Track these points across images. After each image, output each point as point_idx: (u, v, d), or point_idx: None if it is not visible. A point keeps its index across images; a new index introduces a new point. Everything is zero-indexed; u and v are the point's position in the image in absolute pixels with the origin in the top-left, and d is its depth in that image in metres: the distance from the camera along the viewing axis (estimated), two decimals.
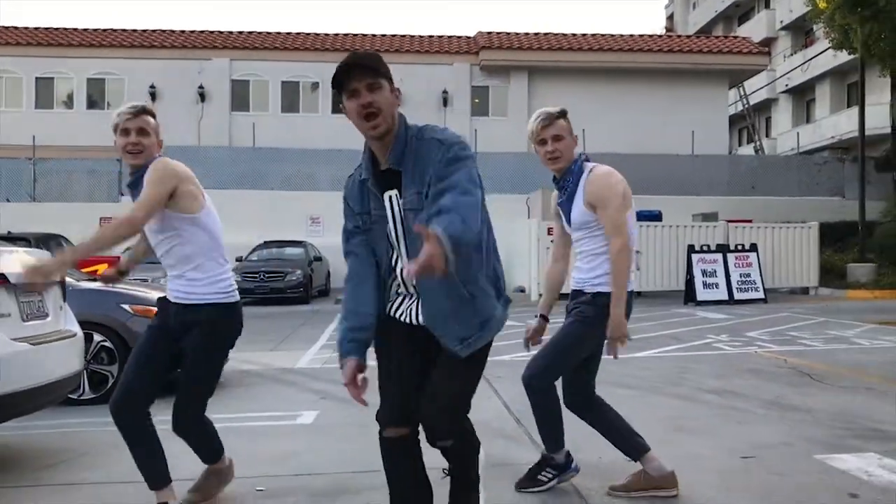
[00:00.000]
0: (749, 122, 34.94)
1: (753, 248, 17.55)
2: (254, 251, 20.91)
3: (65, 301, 5.05)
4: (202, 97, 28.42)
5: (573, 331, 3.68)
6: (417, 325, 2.72)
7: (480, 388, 6.66)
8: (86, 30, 30.36)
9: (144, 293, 7.07)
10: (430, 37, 30.48)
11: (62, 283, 5.02)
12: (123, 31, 30.17)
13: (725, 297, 16.65)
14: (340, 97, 2.63)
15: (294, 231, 22.85)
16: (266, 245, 21.16)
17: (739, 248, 17.53)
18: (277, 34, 30.15)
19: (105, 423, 5.37)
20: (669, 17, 55.33)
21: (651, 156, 25.47)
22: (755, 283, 17.08)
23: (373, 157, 2.67)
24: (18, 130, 27.08)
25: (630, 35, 30.42)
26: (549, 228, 17.80)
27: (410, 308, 2.75)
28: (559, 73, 28.00)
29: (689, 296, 16.73)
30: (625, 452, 3.80)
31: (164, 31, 30.15)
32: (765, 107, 41.77)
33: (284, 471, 4.33)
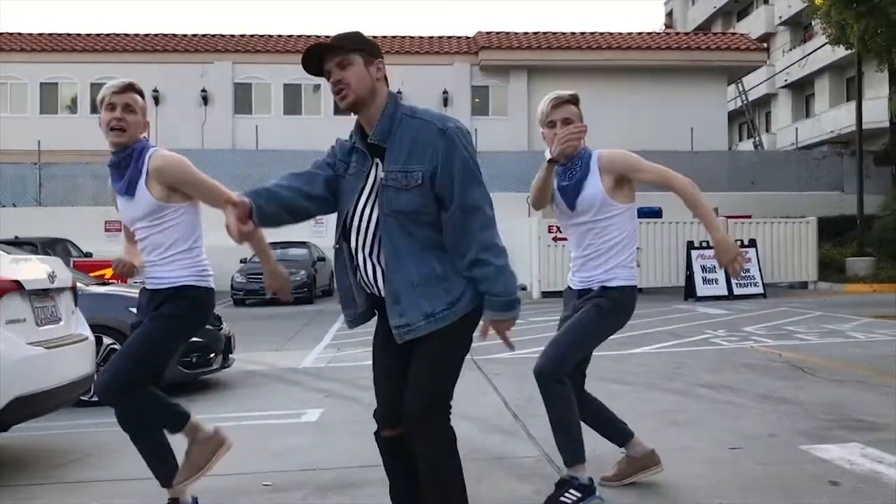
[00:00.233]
0: (748, 118, 35.06)
1: (752, 244, 17.69)
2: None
3: (76, 306, 5.23)
4: (205, 100, 28.62)
5: (589, 319, 3.58)
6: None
7: (479, 385, 6.90)
8: (89, 35, 30.56)
9: None
10: (430, 37, 30.64)
11: (73, 289, 5.21)
12: (126, 36, 30.37)
13: (725, 293, 16.79)
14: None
15: (297, 232, 22.99)
16: (270, 246, 21.32)
17: (739, 244, 17.66)
18: (279, 37, 30.33)
19: (114, 424, 5.58)
20: (668, 14, 55.38)
21: (650, 152, 25.31)
22: (754, 279, 17.23)
23: (362, 130, 2.71)
24: (24, 136, 27.28)
25: (628, 33, 30.55)
26: (550, 226, 17.97)
27: (370, 277, 2.70)
28: (558, 72, 28.12)
29: (690, 292, 16.88)
30: (611, 439, 3.92)
31: (167, 35, 30.34)
32: (764, 102, 41.88)
33: (291, 466, 4.50)
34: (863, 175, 21.55)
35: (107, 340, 6.62)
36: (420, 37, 30.67)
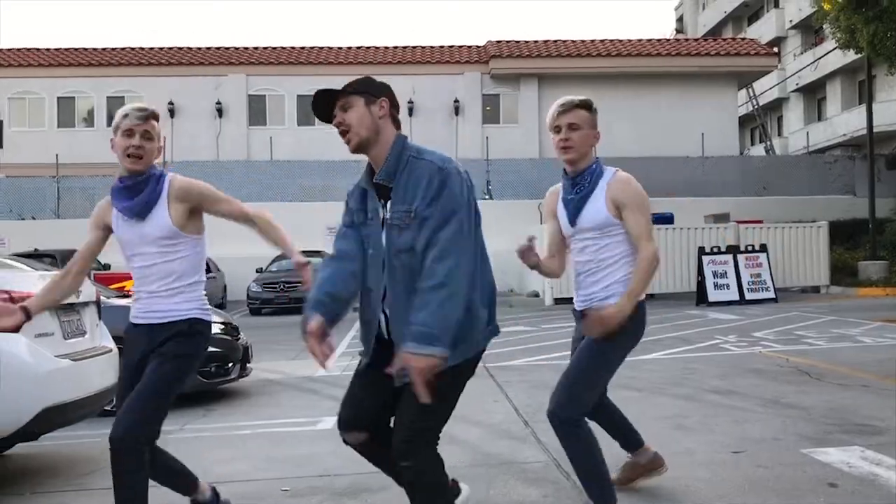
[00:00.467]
0: (759, 123, 35.06)
1: (763, 249, 17.76)
2: (273, 262, 21.34)
3: (100, 319, 5.43)
4: (220, 112, 28.98)
5: (592, 356, 3.33)
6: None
7: (491, 392, 7.05)
8: (104, 49, 31.02)
9: None
10: (441, 47, 30.90)
11: (97, 302, 5.40)
12: (141, 50, 30.80)
13: (736, 298, 16.87)
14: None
15: (312, 241, 23.26)
16: (284, 256, 21.58)
17: (749, 249, 17.74)
18: (291, 49, 30.67)
19: None
20: (679, 19, 55.46)
21: (662, 158, 25.72)
22: (766, 284, 17.29)
23: (371, 170, 2.79)
24: (42, 150, 27.75)
25: (638, 40, 30.69)
26: None
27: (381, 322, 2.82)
28: (569, 80, 28.29)
29: (701, 297, 16.96)
30: (622, 445, 4.00)
31: (181, 49, 30.76)
32: (776, 106, 41.84)
33: (308, 472, 4.67)
34: (874, 178, 21.56)
35: None
36: (430, 47, 30.95)
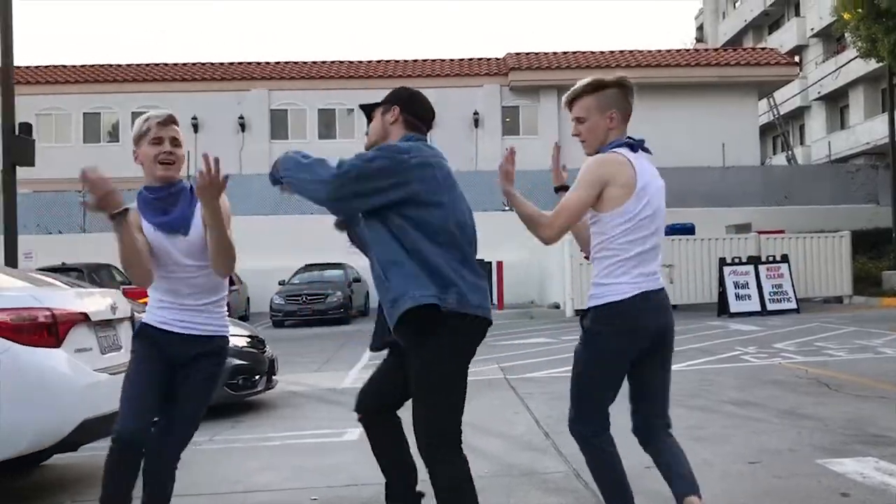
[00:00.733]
0: (781, 132, 34.95)
1: (785, 260, 17.73)
2: (296, 274, 21.61)
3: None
4: (242, 127, 29.39)
5: (578, 358, 3.17)
6: None
7: (512, 404, 7.18)
8: (129, 65, 31.59)
9: None
10: (461, 60, 31.16)
11: (132, 318, 5.61)
12: (165, 65, 31.33)
13: (758, 309, 16.85)
14: None
15: (334, 253, 23.50)
16: (307, 268, 21.85)
17: (771, 260, 17.73)
18: (313, 63, 31.06)
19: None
20: (699, 28, 55.43)
21: (682, 169, 25.72)
22: (787, 294, 17.26)
23: None
24: (68, 165, 28.11)
25: (657, 50, 30.79)
26: None
27: None
28: None
29: (723, 308, 16.97)
30: (674, 493, 3.35)
31: (205, 64, 31.25)
32: (798, 114, 41.68)
33: (335, 482, 4.83)
34: None
35: None
36: (450, 59, 31.21)
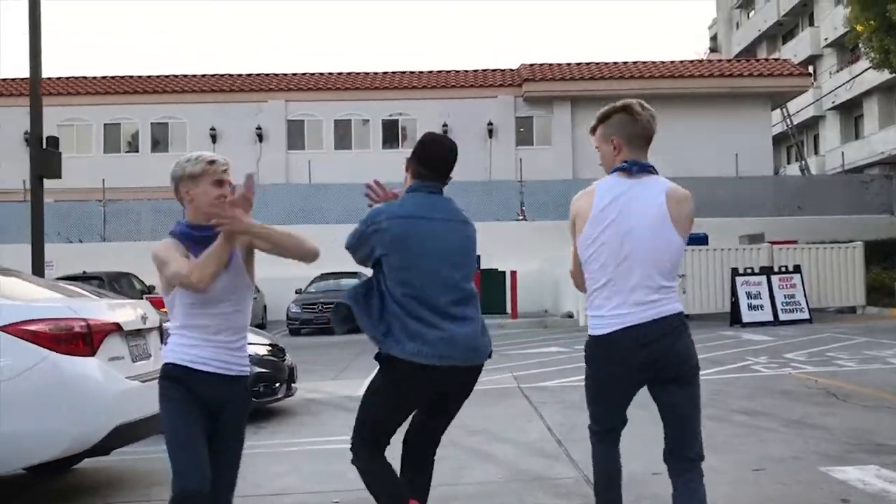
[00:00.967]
0: (795, 142, 34.98)
1: (797, 270, 17.80)
2: (312, 283, 21.86)
3: (163, 342, 5.87)
4: (260, 137, 29.76)
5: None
6: None
7: (525, 412, 7.36)
8: (149, 77, 32.05)
9: None
10: (475, 71, 31.41)
11: (160, 328, 5.84)
12: (184, 77, 31.77)
13: (770, 319, 16.93)
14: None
15: (349, 263, 23.69)
16: (323, 277, 22.09)
17: (783, 270, 17.81)
18: (329, 75, 31.41)
19: None
20: (713, 38, 55.54)
21: (695, 179, 25.76)
22: (800, 304, 17.33)
23: None
24: (89, 174, 28.63)
25: (671, 61, 30.93)
26: None
27: None
28: (602, 102, 27.60)
29: (735, 318, 17.06)
30: None
31: (223, 76, 31.67)
32: (812, 124, 41.67)
33: (355, 486, 5.00)
34: None
35: None
36: (464, 71, 31.47)
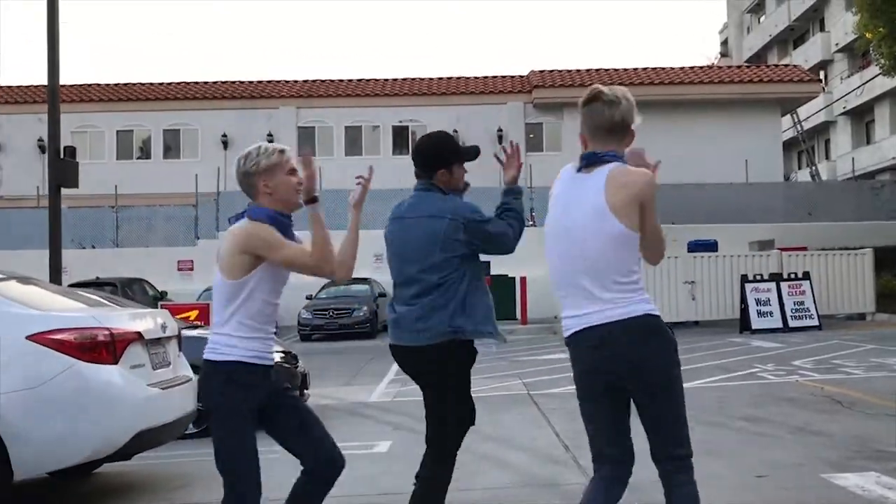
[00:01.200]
0: (805, 147, 34.97)
1: (806, 277, 17.83)
2: (322, 289, 22.02)
3: (180, 350, 6.04)
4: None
5: None
6: None
7: (535, 419, 7.50)
8: (161, 84, 32.35)
9: None
10: (484, 77, 31.59)
11: (178, 336, 6.01)
12: (196, 84, 32.06)
13: (780, 325, 16.97)
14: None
15: (359, 268, 23.82)
16: (333, 283, 22.28)
17: (792, 277, 17.85)
18: (339, 81, 31.65)
19: (211, 454, 6.34)
20: (724, 43, 55.54)
21: (705, 185, 25.91)
22: (809, 311, 17.37)
23: None
24: (102, 181, 28.92)
25: (680, 67, 31.01)
26: None
27: None
28: None
29: (744, 324, 17.12)
30: None
31: (234, 83, 31.94)
32: (823, 129, 41.65)
33: (368, 490, 5.18)
34: None
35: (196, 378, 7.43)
36: (474, 77, 31.63)
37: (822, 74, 40.47)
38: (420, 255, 3.61)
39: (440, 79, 31.52)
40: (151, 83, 32.51)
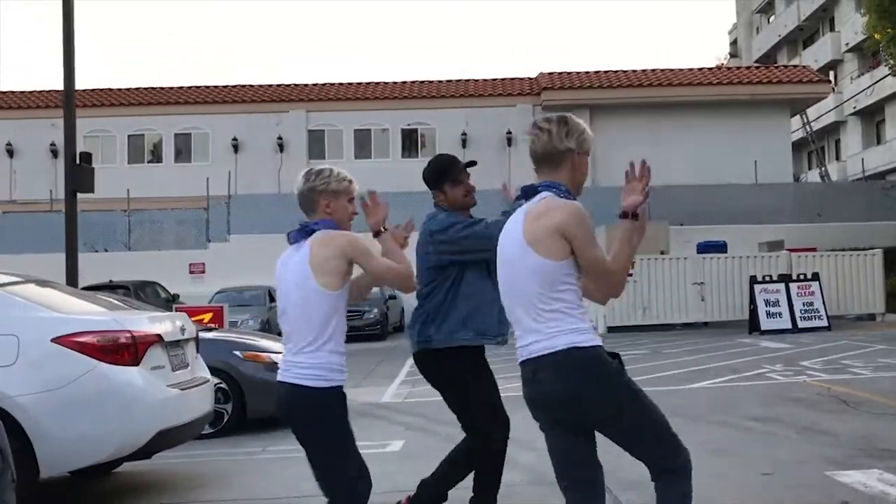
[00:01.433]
0: (815, 148, 34.95)
1: (815, 278, 17.86)
2: None
3: (198, 352, 6.19)
4: (281, 147, 30.19)
5: None
6: None
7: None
8: (171, 88, 32.59)
9: (253, 341, 8.24)
10: (493, 80, 31.68)
11: (196, 339, 6.16)
12: (206, 88, 32.28)
13: (789, 326, 17.01)
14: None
15: None
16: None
17: (801, 278, 17.89)
18: (349, 85, 31.81)
19: (226, 454, 6.52)
20: (733, 43, 55.48)
21: (714, 186, 25.95)
22: (818, 312, 17.40)
23: None
24: (113, 185, 29.09)
25: (689, 69, 31.04)
26: None
27: None
28: (620, 109, 28.78)
29: (754, 325, 17.17)
30: None
31: (244, 87, 32.15)
32: (833, 129, 41.57)
33: (381, 489, 5.27)
34: None
35: (213, 380, 7.57)
36: (484, 80, 31.74)
37: (833, 74, 40.41)
38: (417, 269, 4.00)
39: (449, 81, 31.64)
40: (162, 88, 32.76)
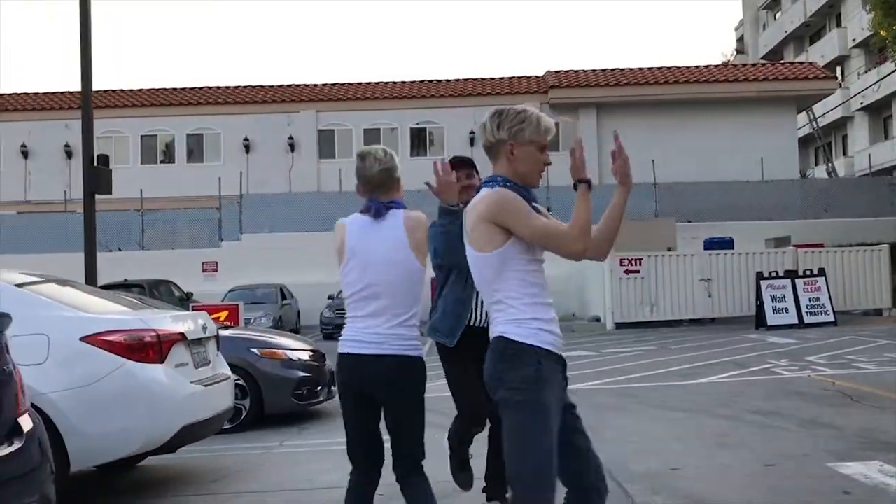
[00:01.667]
0: (821, 144, 34.99)
1: (822, 273, 17.98)
2: None
3: (219, 350, 6.40)
4: (292, 147, 30.47)
5: None
6: None
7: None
8: (183, 89, 32.89)
9: (270, 338, 8.45)
10: (500, 78, 31.87)
11: (217, 337, 6.37)
12: (218, 89, 32.56)
13: (795, 322, 17.15)
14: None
15: None
16: None
17: (808, 274, 18.01)
18: (358, 85, 32.04)
19: (245, 448, 6.73)
20: (739, 40, 55.43)
21: (721, 183, 26.08)
22: (825, 307, 17.53)
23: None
24: (127, 185, 29.38)
25: (695, 66, 31.15)
26: (622, 260, 18.67)
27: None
28: (627, 107, 28.91)
29: (760, 321, 17.31)
30: None
31: (255, 87, 32.42)
32: (841, 125, 41.57)
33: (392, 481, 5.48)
34: None
35: (232, 376, 7.79)
36: (490, 78, 31.92)
37: (839, 70, 40.40)
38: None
39: (457, 80, 31.83)
40: (174, 89, 33.06)
